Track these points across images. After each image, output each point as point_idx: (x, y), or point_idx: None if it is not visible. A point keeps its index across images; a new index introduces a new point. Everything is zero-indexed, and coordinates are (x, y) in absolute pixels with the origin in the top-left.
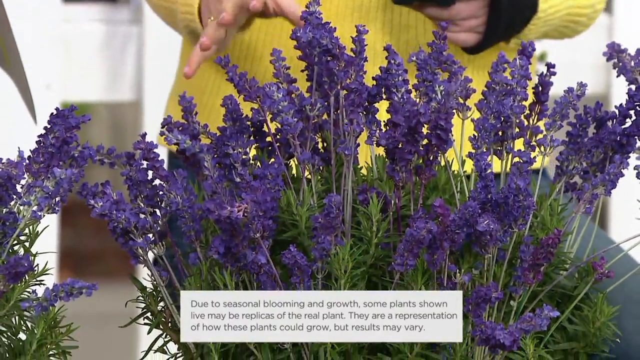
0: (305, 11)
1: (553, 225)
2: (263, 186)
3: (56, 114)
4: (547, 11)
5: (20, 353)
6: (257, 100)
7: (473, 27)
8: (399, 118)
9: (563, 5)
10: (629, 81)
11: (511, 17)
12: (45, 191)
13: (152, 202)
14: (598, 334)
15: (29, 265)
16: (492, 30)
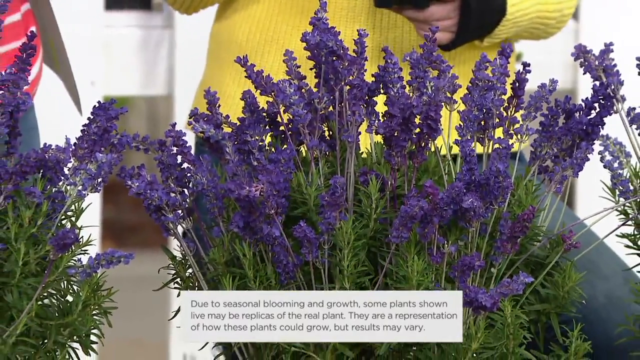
0: (314, 17)
1: (528, 202)
2: (277, 169)
3: (98, 106)
4: (515, 14)
5: (68, 313)
6: (271, 94)
7: (446, 27)
8: (395, 110)
9: (531, 10)
10: (593, 78)
11: (481, 19)
12: (88, 173)
13: (181, 182)
14: (566, 297)
15: (75, 237)
16: (464, 30)
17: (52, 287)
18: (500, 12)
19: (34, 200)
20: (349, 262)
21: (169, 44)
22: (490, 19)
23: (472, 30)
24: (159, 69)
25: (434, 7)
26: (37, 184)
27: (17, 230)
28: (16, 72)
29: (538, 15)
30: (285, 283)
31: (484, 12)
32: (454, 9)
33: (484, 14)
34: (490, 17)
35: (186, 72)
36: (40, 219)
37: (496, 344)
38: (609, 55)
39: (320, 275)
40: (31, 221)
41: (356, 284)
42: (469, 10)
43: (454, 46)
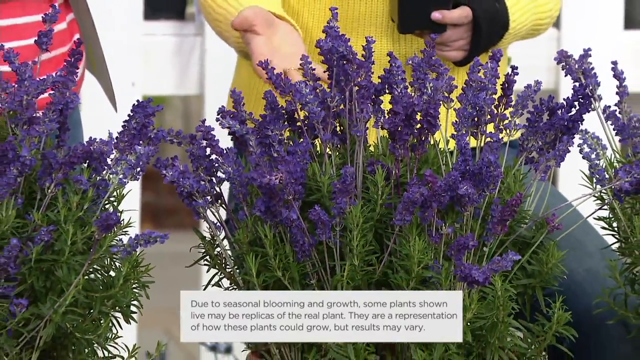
0: (326, 25)
1: (516, 189)
2: (294, 160)
3: (137, 104)
4: (516, 28)
5: (111, 286)
6: (290, 94)
7: (461, 46)
8: (398, 108)
9: (528, 21)
10: (573, 79)
11: (489, 37)
12: (129, 163)
13: (209, 172)
14: (550, 272)
15: (117, 220)
16: (475, 48)
17: (97, 263)
18: (503, 28)
19: (81, 187)
20: (358, 242)
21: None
22: (496, 36)
23: (482, 47)
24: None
25: (449, 31)
26: (84, 173)
27: (66, 214)
28: (65, 75)
29: (534, 24)
30: (302, 260)
31: (492, 31)
32: (466, 30)
33: (492, 33)
34: (496, 34)
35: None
36: (87, 204)
37: (488, 314)
38: (587, 60)
39: (332, 253)
40: (78, 205)
41: (364, 261)
42: (479, 31)
43: (467, 62)
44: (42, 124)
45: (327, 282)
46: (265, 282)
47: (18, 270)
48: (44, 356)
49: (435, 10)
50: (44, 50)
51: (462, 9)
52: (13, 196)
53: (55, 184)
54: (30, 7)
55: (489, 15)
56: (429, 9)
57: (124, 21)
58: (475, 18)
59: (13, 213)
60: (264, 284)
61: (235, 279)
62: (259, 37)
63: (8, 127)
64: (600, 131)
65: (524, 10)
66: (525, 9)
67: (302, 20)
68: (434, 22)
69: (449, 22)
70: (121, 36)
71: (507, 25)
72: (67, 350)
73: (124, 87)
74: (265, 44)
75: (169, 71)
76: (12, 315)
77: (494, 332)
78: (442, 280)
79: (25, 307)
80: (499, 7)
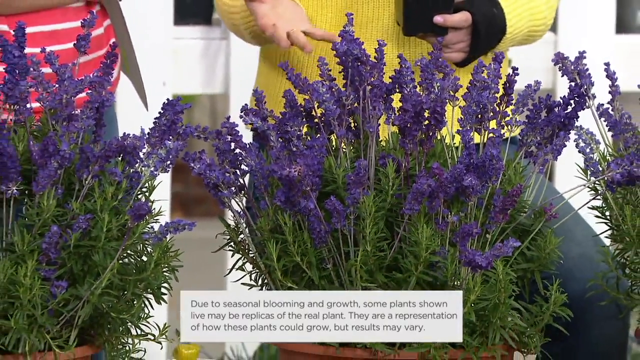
0: (342, 30)
1: (516, 181)
2: (312, 154)
3: (167, 103)
4: (513, 33)
5: (143, 270)
6: (308, 93)
7: (461, 48)
8: (408, 106)
9: (524, 27)
10: (569, 80)
11: (488, 40)
12: (159, 157)
13: (234, 165)
14: (547, 257)
15: (149, 209)
16: (475, 50)
17: (130, 249)
18: (501, 32)
19: (115, 179)
20: (370, 230)
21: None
22: (494, 38)
23: (481, 49)
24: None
25: (450, 34)
26: (118, 165)
27: (102, 203)
28: (101, 76)
29: (529, 30)
30: (319, 246)
31: (490, 34)
32: (466, 33)
33: (490, 36)
34: (494, 37)
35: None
36: (121, 194)
37: (490, 295)
38: (582, 62)
39: (347, 240)
40: (113, 196)
41: (376, 247)
42: (478, 34)
43: (467, 63)
44: (80, 120)
45: (342, 266)
46: (285, 267)
47: (58, 255)
48: (82, 334)
49: (437, 15)
50: (83, 53)
51: (462, 13)
52: (54, 187)
53: (92, 175)
54: (70, 14)
55: (487, 19)
56: (432, 13)
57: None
58: (475, 22)
59: (54, 202)
60: (283, 268)
61: (257, 264)
62: (264, 5)
63: (49, 123)
64: (594, 127)
65: (520, 17)
66: (522, 15)
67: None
68: (436, 25)
69: (450, 25)
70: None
71: (504, 30)
72: (103, 328)
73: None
74: (269, 10)
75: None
76: (53, 296)
77: (495, 312)
78: (448, 265)
79: (65, 289)
80: (496, 13)
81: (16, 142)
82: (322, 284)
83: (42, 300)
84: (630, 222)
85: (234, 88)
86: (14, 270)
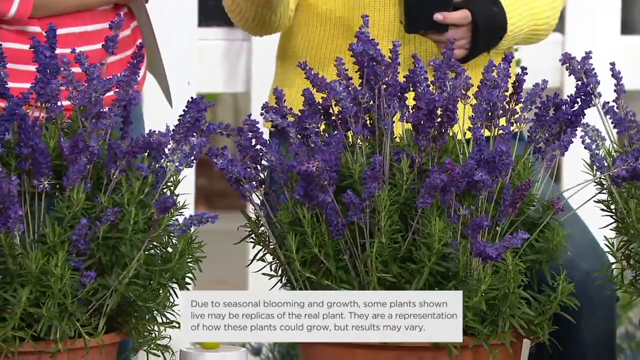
0: (358, 31)
1: (525, 176)
2: (329, 150)
3: (191, 101)
4: (514, 31)
5: (168, 261)
6: (325, 91)
7: (461, 45)
8: (421, 104)
9: (525, 26)
10: (576, 79)
11: (487, 38)
12: (184, 153)
13: (255, 160)
14: (555, 249)
15: (173, 202)
16: (475, 47)
17: (156, 240)
18: (502, 30)
19: (142, 174)
20: (385, 222)
21: (247, 53)
22: (495, 36)
23: (481, 46)
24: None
25: (451, 31)
26: (145, 161)
27: (129, 197)
28: (128, 75)
29: (531, 29)
30: (336, 238)
31: (490, 32)
32: (466, 31)
33: (490, 34)
34: (494, 35)
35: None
36: (147, 188)
37: (500, 285)
38: (588, 61)
39: (363, 232)
40: (140, 190)
41: (391, 239)
42: (478, 31)
43: (468, 59)
44: (108, 118)
45: (358, 257)
46: (303, 258)
47: (87, 246)
48: (110, 321)
49: (437, 12)
50: (110, 53)
51: (461, 11)
52: (83, 181)
53: (119, 170)
54: (99, 16)
55: (487, 17)
56: (432, 11)
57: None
58: (474, 20)
59: (83, 196)
60: (302, 259)
61: (277, 255)
62: None
63: (79, 120)
64: (600, 124)
65: (521, 16)
66: (523, 15)
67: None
68: (437, 23)
69: (450, 22)
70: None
71: (505, 28)
72: (130, 316)
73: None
74: None
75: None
76: (83, 285)
77: (505, 301)
78: (460, 256)
79: (93, 279)
80: (497, 11)
81: (47, 139)
82: (339, 274)
83: (72, 290)
84: (635, 215)
85: (256, 87)
86: (45, 261)
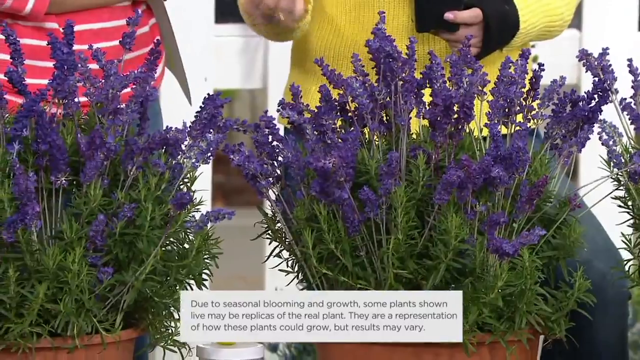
0: (375, 27)
1: (542, 172)
2: (346, 146)
3: (208, 97)
4: (527, 28)
5: (185, 257)
6: (342, 88)
7: (474, 43)
8: (438, 100)
9: (539, 22)
10: (593, 75)
11: (500, 35)
12: (200, 149)
13: (271, 156)
14: (572, 245)
15: (190, 199)
16: (487, 45)
17: (172, 236)
18: (514, 28)
19: (159, 170)
20: (402, 219)
21: (264, 49)
22: (507, 34)
23: (493, 44)
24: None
25: (462, 30)
26: (162, 157)
27: (146, 193)
28: (145, 72)
29: (545, 25)
30: (352, 235)
31: (502, 30)
32: (478, 29)
33: (502, 32)
34: (507, 33)
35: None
36: (164, 184)
37: (517, 282)
38: (605, 58)
39: (379, 228)
40: (157, 186)
41: (407, 236)
42: (490, 30)
43: (480, 57)
44: (125, 114)
45: (375, 254)
46: (320, 254)
47: (104, 242)
48: (127, 317)
49: (448, 11)
50: (128, 49)
51: (472, 10)
52: (100, 177)
53: (136, 167)
54: (116, 13)
55: (499, 15)
56: (443, 10)
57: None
58: (485, 18)
59: (100, 192)
60: (318, 255)
61: (293, 251)
62: None
63: (96, 117)
64: (617, 121)
65: (534, 12)
66: (536, 12)
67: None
68: (448, 21)
69: (461, 21)
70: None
71: (517, 25)
72: (147, 312)
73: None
74: None
75: (237, 68)
76: (100, 281)
77: (522, 298)
78: (477, 252)
79: (110, 275)
80: (508, 9)
81: (65, 135)
82: (356, 270)
83: (90, 286)
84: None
85: (272, 83)
86: (62, 257)
